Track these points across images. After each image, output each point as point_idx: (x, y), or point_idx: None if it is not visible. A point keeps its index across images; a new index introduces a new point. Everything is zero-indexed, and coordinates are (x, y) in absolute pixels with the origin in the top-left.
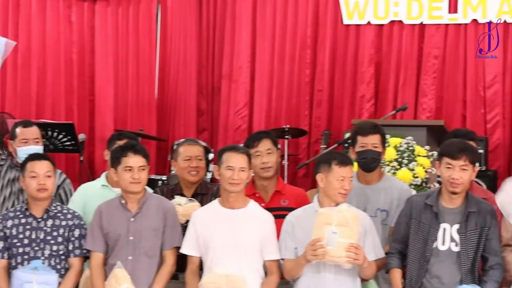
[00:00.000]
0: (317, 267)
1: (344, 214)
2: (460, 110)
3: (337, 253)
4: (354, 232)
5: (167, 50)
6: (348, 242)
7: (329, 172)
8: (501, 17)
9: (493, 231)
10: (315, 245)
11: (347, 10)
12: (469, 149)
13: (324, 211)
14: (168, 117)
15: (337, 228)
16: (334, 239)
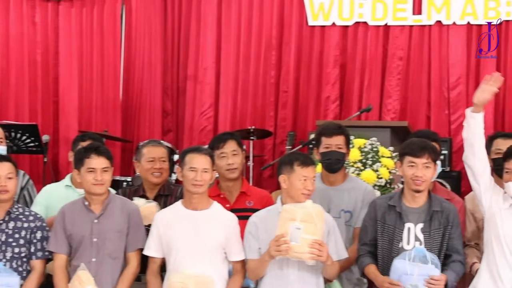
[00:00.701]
0: (281, 265)
1: (309, 210)
2: (425, 111)
3: (301, 249)
4: (318, 228)
5: (131, 51)
6: (311, 238)
7: (292, 173)
8: (465, 18)
9: (455, 230)
10: (279, 241)
11: (312, 11)
12: (430, 147)
13: (289, 207)
14: (133, 118)
15: (301, 224)
16: (298, 235)
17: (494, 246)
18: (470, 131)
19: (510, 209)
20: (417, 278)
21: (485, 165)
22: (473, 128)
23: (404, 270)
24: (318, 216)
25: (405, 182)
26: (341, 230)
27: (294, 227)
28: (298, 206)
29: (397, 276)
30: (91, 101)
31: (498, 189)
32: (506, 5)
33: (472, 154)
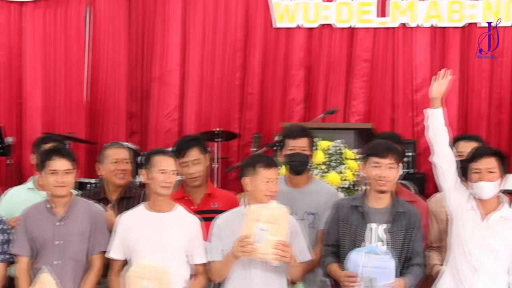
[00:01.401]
0: (244, 267)
1: (273, 211)
2: (389, 113)
3: (265, 250)
4: (282, 229)
5: (96, 53)
6: (276, 239)
7: (255, 175)
8: (429, 21)
9: (417, 233)
10: (244, 242)
11: (277, 14)
12: (395, 148)
13: (254, 208)
14: (98, 120)
15: (266, 225)
16: (263, 236)
17: (455, 247)
18: (432, 129)
19: (472, 211)
20: (372, 270)
21: (451, 162)
22: (435, 125)
23: (359, 262)
24: (282, 217)
25: (369, 183)
26: (305, 232)
27: (258, 228)
28: (263, 207)
29: (353, 269)
30: (56, 103)
31: (463, 190)
32: (470, 8)
33: (437, 152)
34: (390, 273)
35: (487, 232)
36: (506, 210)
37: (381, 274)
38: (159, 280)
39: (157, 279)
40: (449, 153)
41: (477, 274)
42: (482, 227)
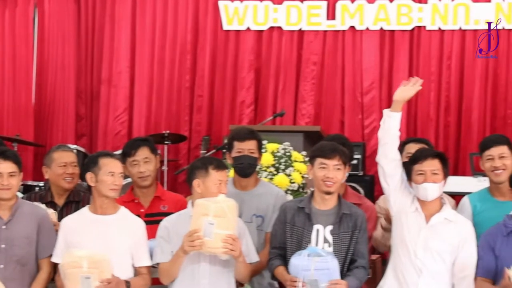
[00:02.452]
0: (192, 267)
1: (221, 205)
2: (338, 116)
3: (214, 244)
4: (231, 222)
5: (44, 54)
6: (225, 233)
7: (207, 177)
8: (378, 24)
9: (362, 235)
10: (192, 236)
11: (226, 16)
12: (341, 149)
13: (201, 202)
14: (46, 122)
15: (214, 219)
16: (211, 230)
17: (399, 249)
18: (385, 131)
19: (416, 213)
20: (315, 273)
21: (396, 166)
22: (389, 128)
23: (301, 266)
24: (231, 211)
25: (315, 184)
26: (253, 234)
27: (207, 222)
28: (211, 200)
29: (296, 273)
30: (3, 105)
31: (407, 192)
32: (418, 11)
33: (385, 154)
34: (334, 273)
35: (431, 234)
36: (449, 212)
37: (325, 275)
38: (99, 268)
39: (96, 268)
40: (396, 157)
41: (422, 275)
42: (426, 228)
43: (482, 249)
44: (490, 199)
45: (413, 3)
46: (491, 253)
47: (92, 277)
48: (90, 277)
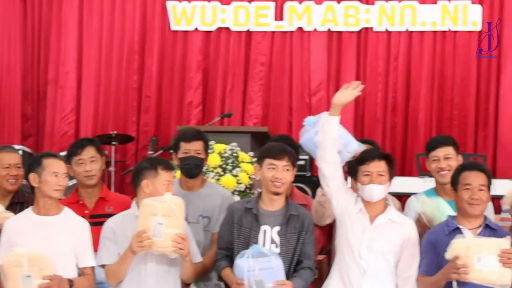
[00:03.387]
0: (139, 268)
1: (169, 203)
2: (286, 116)
3: (164, 243)
4: (179, 221)
5: None
6: (173, 232)
7: (156, 177)
8: (325, 25)
9: (309, 236)
10: (141, 237)
11: (174, 16)
12: (290, 150)
13: (149, 202)
14: None
15: (163, 219)
16: (160, 230)
17: (344, 249)
18: (324, 134)
19: (360, 214)
20: (260, 273)
21: (336, 169)
22: (327, 132)
23: (246, 267)
24: (178, 209)
25: (264, 185)
26: (200, 235)
27: (156, 222)
28: (158, 200)
29: (241, 275)
30: None
31: (350, 193)
32: (365, 13)
33: (324, 158)
34: (278, 272)
35: (376, 235)
36: (393, 213)
37: (269, 275)
38: (39, 266)
39: (36, 266)
40: (335, 160)
41: (366, 276)
42: (370, 229)
43: (424, 248)
44: (437, 197)
45: (361, 4)
46: (434, 252)
47: (33, 275)
48: (31, 275)
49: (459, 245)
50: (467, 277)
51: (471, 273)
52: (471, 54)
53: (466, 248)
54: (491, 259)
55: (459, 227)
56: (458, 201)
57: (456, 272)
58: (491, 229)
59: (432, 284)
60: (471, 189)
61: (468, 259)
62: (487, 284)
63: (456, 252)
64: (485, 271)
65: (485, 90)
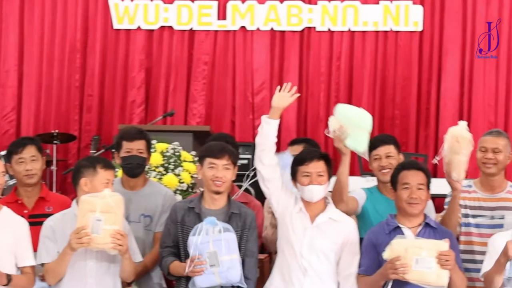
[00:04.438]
0: (79, 267)
1: (108, 200)
2: (229, 116)
3: (103, 240)
4: (118, 217)
5: None
6: (112, 228)
7: (95, 176)
8: (268, 24)
9: (251, 233)
10: (80, 233)
11: (117, 15)
12: (230, 149)
13: (87, 198)
14: None
15: (102, 215)
16: (99, 227)
17: (285, 249)
18: (263, 137)
19: (300, 213)
20: (214, 244)
21: (273, 170)
22: (267, 135)
23: (200, 240)
24: (117, 205)
25: (205, 184)
26: (141, 234)
27: (95, 218)
28: (97, 196)
29: (195, 252)
30: None
31: (290, 193)
32: (308, 12)
33: (261, 160)
34: (232, 245)
35: (316, 234)
36: (333, 211)
37: (224, 247)
38: None
39: None
40: (272, 162)
41: (307, 275)
42: (311, 229)
43: (365, 247)
44: (380, 195)
45: (303, 4)
46: (374, 251)
47: None
48: None
49: (398, 246)
50: (405, 277)
51: (409, 273)
52: (412, 54)
53: (405, 249)
54: (429, 261)
55: (399, 226)
56: (398, 201)
57: (394, 272)
58: (431, 228)
59: (371, 283)
60: (409, 188)
61: (407, 260)
62: (424, 284)
63: (395, 253)
64: (423, 272)
65: (426, 90)
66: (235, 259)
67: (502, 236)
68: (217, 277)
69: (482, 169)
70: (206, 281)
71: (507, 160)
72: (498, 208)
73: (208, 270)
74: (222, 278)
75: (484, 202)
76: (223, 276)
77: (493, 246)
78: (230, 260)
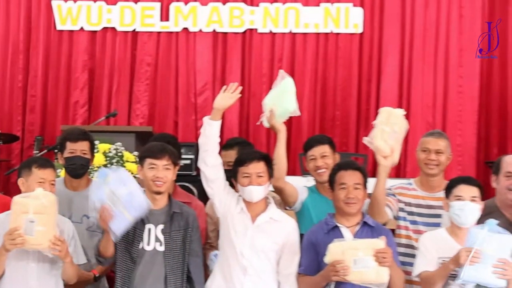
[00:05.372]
0: (21, 270)
1: (41, 201)
2: (172, 116)
3: (37, 241)
4: (51, 218)
5: None
6: (45, 229)
7: (30, 175)
8: (211, 26)
9: (195, 233)
10: (13, 234)
11: (60, 16)
12: (170, 149)
13: (19, 199)
14: None
15: (35, 216)
16: (32, 228)
17: (226, 248)
18: (206, 138)
19: (241, 213)
20: (110, 187)
21: (217, 171)
22: (209, 136)
23: (99, 195)
24: (51, 205)
25: (145, 184)
26: (83, 235)
27: (27, 220)
28: (30, 197)
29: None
30: None
31: (232, 193)
32: (250, 14)
33: (205, 161)
34: (124, 177)
35: (257, 234)
36: (274, 211)
37: (116, 182)
38: None
39: None
40: (216, 162)
41: (248, 274)
42: (252, 228)
43: (305, 246)
44: (319, 194)
45: (245, 6)
46: (313, 250)
47: None
48: None
49: (335, 249)
50: (346, 279)
51: (350, 275)
52: (352, 56)
53: (342, 252)
54: (367, 260)
55: (338, 225)
56: (335, 200)
57: (336, 274)
58: (369, 226)
59: (313, 284)
60: (346, 188)
61: (346, 262)
62: (366, 284)
63: (333, 257)
64: (363, 272)
65: (366, 91)
66: (133, 188)
67: (431, 235)
68: (126, 213)
69: (424, 170)
70: (119, 223)
71: (447, 161)
72: (436, 207)
73: (115, 212)
74: (129, 211)
75: (423, 200)
76: (129, 208)
77: (424, 245)
78: (129, 192)
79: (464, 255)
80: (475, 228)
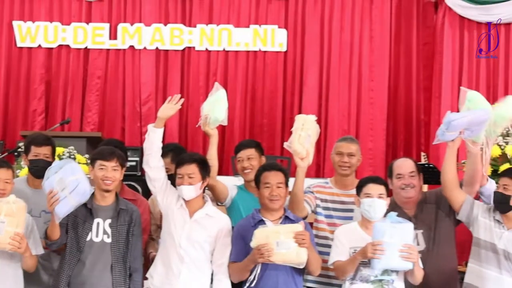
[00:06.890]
0: None
1: (11, 205)
2: (120, 123)
3: (3, 240)
4: (20, 221)
5: None
6: (14, 230)
7: None
8: (154, 44)
9: (137, 228)
10: None
11: (20, 34)
12: (118, 152)
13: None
14: None
15: (6, 218)
16: (2, 228)
17: (167, 240)
18: (150, 143)
19: (181, 209)
20: (60, 174)
21: (159, 172)
22: (152, 141)
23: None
24: (19, 211)
25: (95, 183)
26: (42, 228)
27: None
28: (2, 201)
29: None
30: None
31: (173, 191)
32: (188, 34)
33: (148, 163)
34: (75, 169)
35: (194, 227)
36: (210, 208)
37: (67, 171)
38: None
39: None
40: (158, 164)
41: (184, 263)
42: (189, 223)
43: (234, 238)
44: (247, 192)
45: (184, 26)
46: (242, 241)
47: None
48: None
49: (260, 234)
50: (271, 259)
51: (274, 256)
52: (278, 71)
53: (266, 237)
54: (288, 242)
55: (263, 219)
56: (261, 198)
57: (261, 256)
58: (290, 220)
59: (242, 268)
60: (270, 186)
61: (270, 245)
62: (288, 263)
63: (259, 241)
64: (285, 253)
65: (290, 102)
66: (80, 176)
67: (345, 228)
68: (70, 198)
69: (338, 171)
70: (63, 207)
71: (358, 162)
72: (349, 203)
73: (61, 196)
74: (73, 196)
75: (337, 197)
76: (74, 193)
77: (338, 238)
78: (76, 179)
79: (371, 249)
80: (379, 222)
